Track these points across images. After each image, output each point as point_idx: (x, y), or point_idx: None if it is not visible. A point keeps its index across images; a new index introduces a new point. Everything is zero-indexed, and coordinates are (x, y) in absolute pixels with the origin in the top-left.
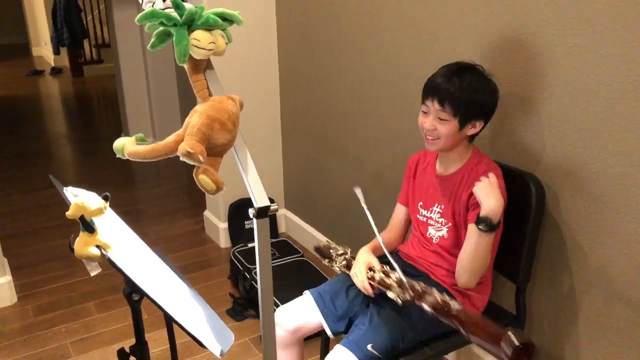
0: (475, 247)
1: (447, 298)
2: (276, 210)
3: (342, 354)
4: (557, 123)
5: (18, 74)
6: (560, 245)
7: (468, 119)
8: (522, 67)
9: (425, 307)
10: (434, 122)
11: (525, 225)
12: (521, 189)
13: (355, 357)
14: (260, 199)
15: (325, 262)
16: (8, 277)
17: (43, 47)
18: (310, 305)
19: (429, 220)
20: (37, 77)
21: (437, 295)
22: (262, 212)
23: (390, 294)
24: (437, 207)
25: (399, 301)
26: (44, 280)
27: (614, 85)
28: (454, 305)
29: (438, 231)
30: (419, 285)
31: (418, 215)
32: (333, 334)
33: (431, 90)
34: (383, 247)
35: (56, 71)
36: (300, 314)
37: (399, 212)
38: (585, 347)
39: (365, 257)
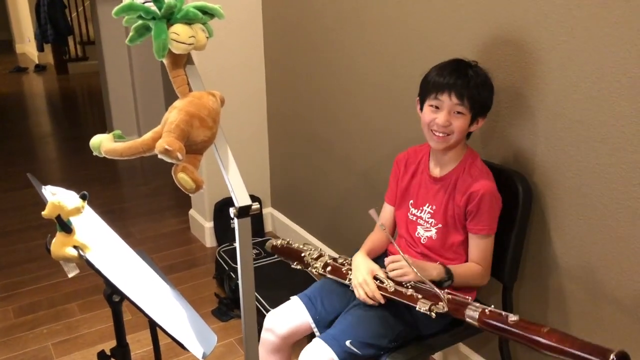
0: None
1: (492, 309)
2: (258, 210)
3: (319, 347)
4: (546, 121)
5: (1, 71)
6: (548, 244)
7: (477, 115)
8: (511, 65)
9: (470, 320)
10: (449, 117)
11: (512, 224)
12: (508, 187)
13: (333, 351)
14: (241, 198)
15: (294, 264)
16: None
17: (26, 44)
18: (302, 311)
19: (419, 219)
20: (20, 75)
21: (477, 305)
22: (244, 212)
23: (421, 307)
24: (427, 207)
25: (433, 315)
26: (25, 281)
27: (600, 82)
28: (510, 316)
29: (427, 231)
30: (442, 293)
31: (408, 214)
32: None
33: (446, 85)
34: (404, 256)
35: (40, 68)
36: (292, 319)
37: (387, 211)
38: None
39: (366, 265)
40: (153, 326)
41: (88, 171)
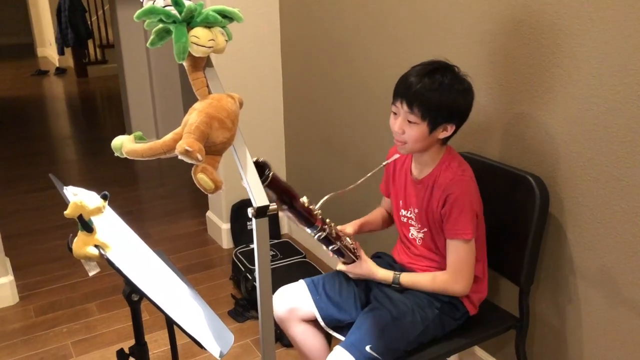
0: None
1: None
2: (275, 210)
3: (341, 355)
4: (564, 124)
5: (23, 74)
6: (565, 247)
7: (438, 123)
8: (528, 67)
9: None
10: (403, 125)
11: (529, 228)
12: (524, 191)
13: (354, 359)
14: (259, 199)
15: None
16: (10, 277)
17: (48, 48)
18: (303, 291)
19: (410, 220)
20: (41, 77)
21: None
22: (261, 212)
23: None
24: (413, 209)
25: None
26: (45, 281)
27: (618, 85)
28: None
29: (418, 233)
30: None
31: (400, 216)
32: (325, 322)
33: (400, 91)
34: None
35: (60, 71)
36: (294, 297)
37: (383, 200)
38: (589, 351)
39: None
40: (171, 326)
41: (106, 173)
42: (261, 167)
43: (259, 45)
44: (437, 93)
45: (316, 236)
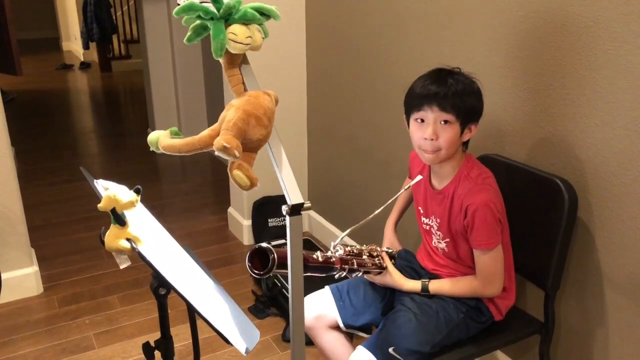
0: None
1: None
2: (309, 208)
3: (363, 356)
4: (595, 128)
5: (48, 67)
6: (593, 254)
7: (466, 123)
8: (560, 70)
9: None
10: (435, 128)
11: (556, 232)
12: (553, 194)
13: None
14: (294, 196)
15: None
16: (35, 268)
17: (73, 42)
18: (328, 298)
19: (432, 229)
20: (66, 72)
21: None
22: (296, 209)
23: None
24: (434, 218)
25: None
26: (69, 272)
27: None
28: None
29: (440, 242)
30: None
31: (422, 223)
32: (345, 326)
33: (426, 97)
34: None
35: (85, 66)
36: (318, 305)
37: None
38: (615, 358)
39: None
40: (193, 320)
41: (129, 167)
42: (264, 253)
43: (284, 41)
44: (463, 94)
45: (337, 276)
